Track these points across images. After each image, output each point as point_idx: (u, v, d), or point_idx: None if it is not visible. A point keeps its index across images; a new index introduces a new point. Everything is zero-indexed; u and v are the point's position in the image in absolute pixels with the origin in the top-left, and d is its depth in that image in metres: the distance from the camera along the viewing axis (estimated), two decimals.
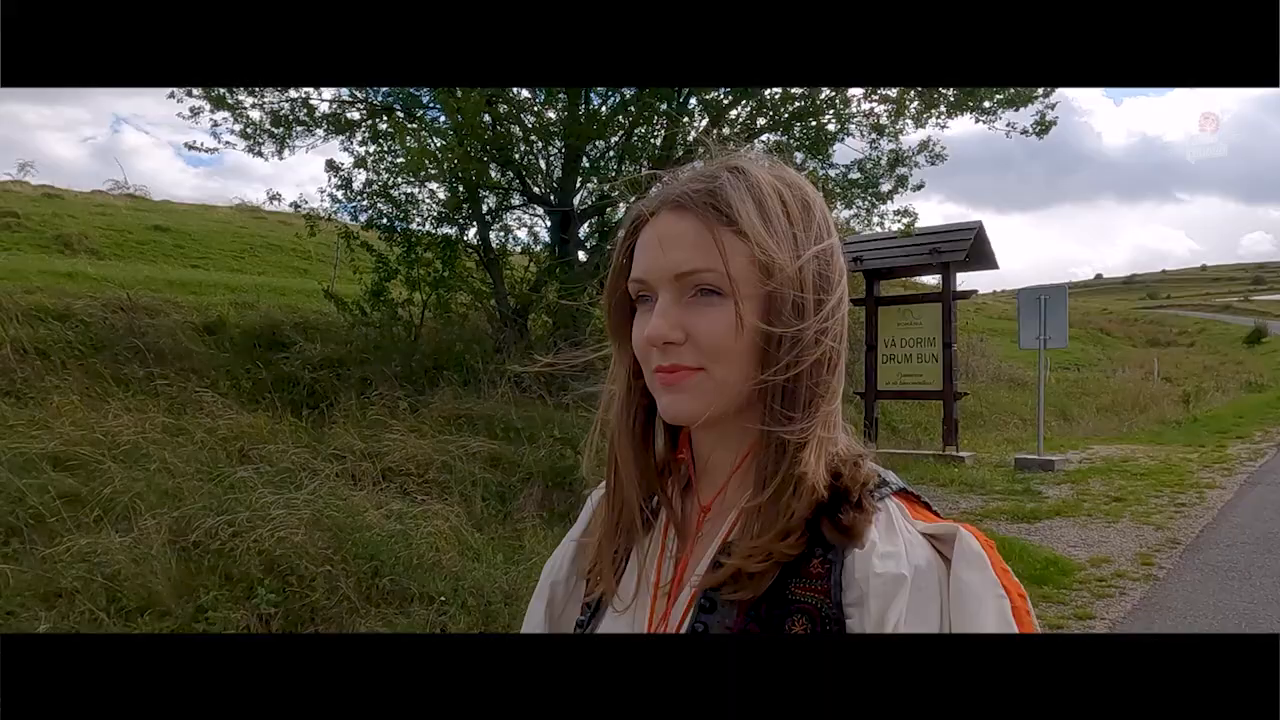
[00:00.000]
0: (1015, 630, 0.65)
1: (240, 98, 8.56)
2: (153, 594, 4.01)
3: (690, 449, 0.79)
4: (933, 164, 9.21)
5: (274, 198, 9.45)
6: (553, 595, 0.85)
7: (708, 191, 0.70)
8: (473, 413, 7.54)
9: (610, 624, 0.78)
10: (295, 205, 8.80)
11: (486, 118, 8.28)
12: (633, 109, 8.74)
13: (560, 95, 8.68)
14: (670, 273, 0.69)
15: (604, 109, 8.93)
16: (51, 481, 4.83)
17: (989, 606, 0.64)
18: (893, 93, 8.81)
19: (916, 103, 8.91)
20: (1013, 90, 7.85)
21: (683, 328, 0.69)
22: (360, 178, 8.83)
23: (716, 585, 0.70)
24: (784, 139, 8.86)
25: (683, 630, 0.72)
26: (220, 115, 8.69)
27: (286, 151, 8.55)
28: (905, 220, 8.78)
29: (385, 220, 8.74)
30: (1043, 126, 8.09)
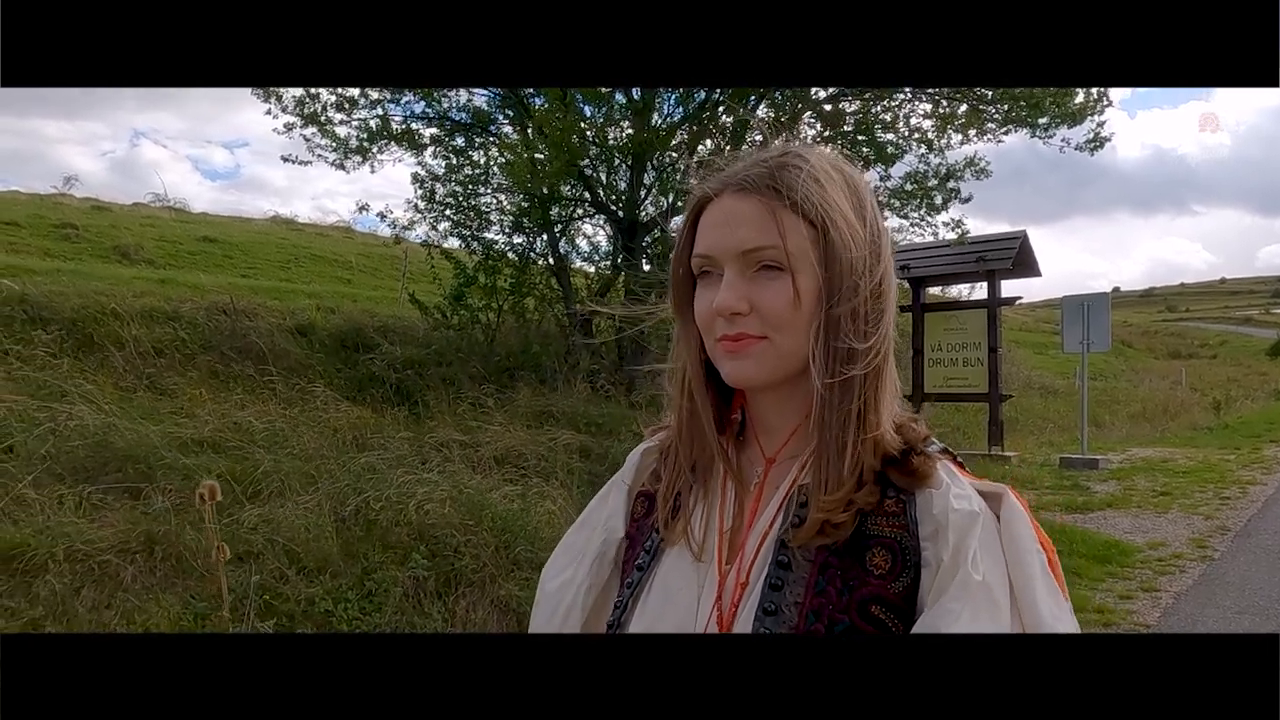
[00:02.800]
0: (1054, 579, 0.73)
1: (330, 114, 9.14)
2: (327, 557, 4.52)
3: (744, 411, 0.86)
4: (978, 179, 9.69)
5: (363, 208, 10.10)
6: (618, 540, 0.89)
7: (769, 174, 0.76)
8: (554, 409, 8.04)
9: (674, 566, 0.82)
10: (381, 215, 9.40)
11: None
12: (695, 127, 9.28)
13: (626, 108, 9.20)
14: (736, 250, 0.75)
15: (665, 124, 9.45)
16: (209, 462, 5.36)
17: (1034, 558, 0.72)
18: (944, 102, 9.29)
19: (964, 120, 9.39)
20: (1079, 97, 8.29)
21: (748, 300, 0.75)
22: (439, 190, 9.38)
23: (804, 542, 0.74)
24: (840, 145, 9.34)
25: (760, 576, 0.76)
26: (309, 130, 9.27)
27: (375, 164, 9.13)
28: (958, 231, 9.24)
29: (464, 230, 9.29)
30: (1097, 144, 8.57)
